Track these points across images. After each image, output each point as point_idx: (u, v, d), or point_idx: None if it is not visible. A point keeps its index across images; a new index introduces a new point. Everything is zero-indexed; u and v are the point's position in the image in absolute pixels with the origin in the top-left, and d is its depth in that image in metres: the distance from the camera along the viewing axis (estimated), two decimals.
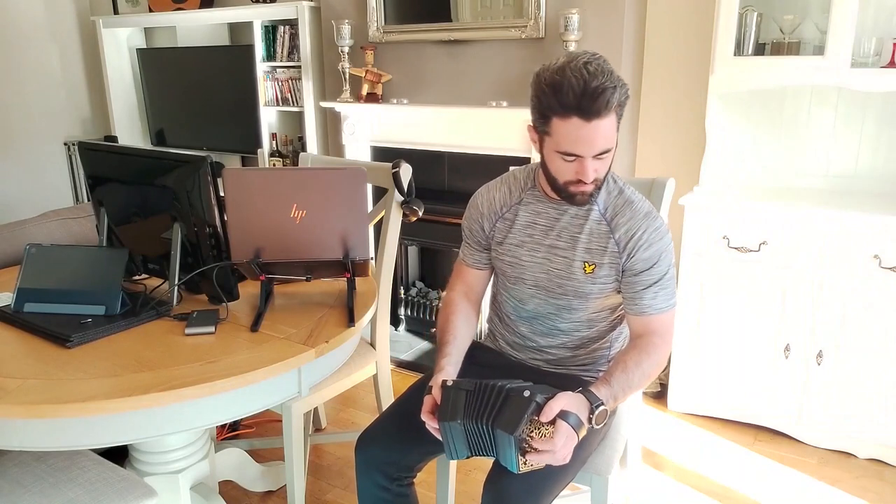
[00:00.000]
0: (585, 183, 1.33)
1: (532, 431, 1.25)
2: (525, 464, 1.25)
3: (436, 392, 1.34)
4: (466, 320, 1.55)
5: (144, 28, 4.37)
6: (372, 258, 1.81)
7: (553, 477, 1.31)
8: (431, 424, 1.33)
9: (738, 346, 2.43)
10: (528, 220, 1.49)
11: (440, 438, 1.32)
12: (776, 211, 2.27)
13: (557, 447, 1.21)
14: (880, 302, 2.17)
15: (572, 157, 1.31)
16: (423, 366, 3.02)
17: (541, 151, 1.38)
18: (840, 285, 2.21)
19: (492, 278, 1.64)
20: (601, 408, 1.27)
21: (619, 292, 1.45)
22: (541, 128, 1.33)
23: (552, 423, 1.24)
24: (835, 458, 2.33)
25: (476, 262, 1.59)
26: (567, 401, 1.25)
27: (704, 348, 2.49)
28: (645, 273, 1.39)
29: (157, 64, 4.20)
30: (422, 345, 3.28)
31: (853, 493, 2.14)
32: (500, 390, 1.28)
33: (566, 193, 1.38)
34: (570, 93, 1.24)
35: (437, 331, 1.56)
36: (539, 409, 1.24)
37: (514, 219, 1.51)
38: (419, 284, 3.56)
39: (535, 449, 1.23)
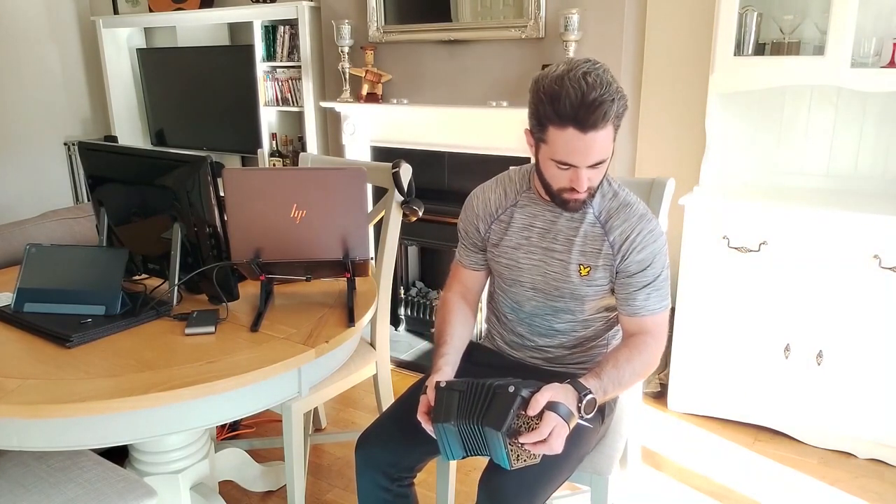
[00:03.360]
0: (578, 191, 1.34)
1: (521, 427, 1.25)
2: (518, 459, 1.25)
3: (430, 393, 1.35)
4: (464, 321, 1.56)
5: (144, 28, 4.37)
6: (372, 258, 1.81)
7: (547, 474, 1.31)
8: (427, 426, 1.34)
9: (738, 346, 2.43)
10: (525, 222, 1.50)
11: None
12: (776, 211, 2.27)
13: (544, 436, 1.22)
14: (880, 302, 2.17)
15: (567, 167, 1.32)
16: (423, 366, 3.02)
17: (536, 157, 1.38)
18: (840, 285, 2.21)
19: (489, 278, 1.64)
20: (589, 397, 1.28)
21: (613, 293, 1.46)
22: (537, 134, 1.33)
23: (540, 416, 1.24)
24: (835, 458, 2.33)
25: (472, 263, 1.60)
26: (553, 392, 1.25)
27: (704, 348, 2.49)
28: (639, 275, 1.40)
29: (157, 64, 4.20)
30: (422, 345, 3.28)
31: (853, 493, 2.14)
32: (489, 388, 1.28)
33: (559, 200, 1.39)
34: (567, 104, 1.23)
35: (435, 332, 1.56)
36: (525, 403, 1.25)
37: (509, 221, 1.51)
38: (419, 284, 3.56)
39: (525, 444, 1.23)
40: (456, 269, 1.63)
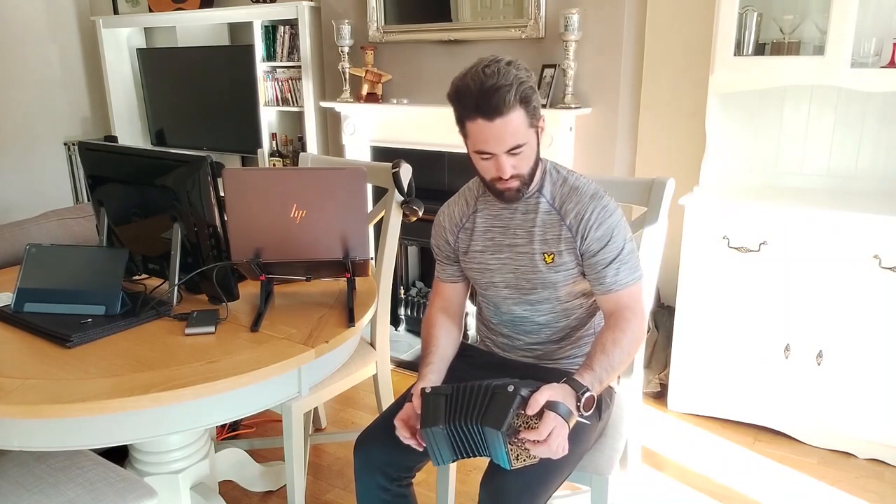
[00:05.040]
0: (504, 178, 1.39)
1: (520, 426, 1.25)
2: (517, 459, 1.25)
3: (416, 400, 1.37)
4: (447, 333, 1.58)
5: (144, 28, 4.37)
6: (372, 258, 1.81)
7: (549, 473, 1.32)
8: (402, 434, 1.36)
9: (738, 346, 2.43)
10: (486, 224, 1.54)
11: (409, 444, 1.35)
12: (776, 211, 2.27)
13: (543, 435, 1.22)
14: (880, 302, 2.17)
15: (487, 155, 1.38)
16: None
17: (469, 154, 1.44)
18: (840, 285, 2.21)
19: (473, 290, 1.67)
20: (587, 394, 1.29)
21: (585, 276, 1.48)
22: (462, 132, 1.41)
23: (539, 415, 1.25)
24: (835, 458, 2.33)
25: (450, 276, 1.62)
26: (552, 392, 1.26)
27: (704, 348, 2.49)
28: (602, 252, 1.43)
29: (157, 64, 4.20)
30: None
31: (853, 493, 2.14)
32: (486, 389, 1.29)
33: (495, 191, 1.45)
34: (468, 97, 1.32)
35: (421, 343, 1.59)
36: (524, 402, 1.25)
37: (473, 227, 1.55)
38: (419, 284, 3.56)
39: (525, 443, 1.24)
40: (436, 285, 1.66)
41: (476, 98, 1.30)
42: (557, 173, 1.50)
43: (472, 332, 2.90)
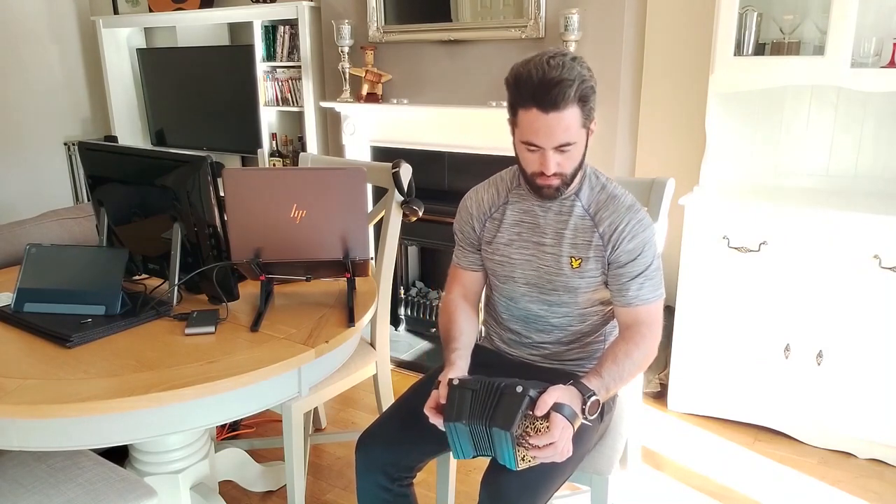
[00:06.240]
0: (546, 174, 1.37)
1: (528, 427, 1.25)
2: (524, 460, 1.25)
3: (442, 389, 1.34)
4: (468, 318, 1.57)
5: (144, 28, 4.37)
6: (372, 258, 1.81)
7: (550, 473, 1.32)
8: (434, 419, 1.34)
9: (738, 346, 2.43)
10: (516, 218, 1.52)
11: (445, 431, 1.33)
12: (776, 211, 2.27)
13: (555, 437, 1.22)
14: (880, 302, 2.17)
15: (535, 148, 1.35)
16: (423, 366, 3.02)
17: (514, 144, 1.43)
18: (840, 285, 2.21)
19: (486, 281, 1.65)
20: (593, 398, 1.29)
21: (607, 285, 1.47)
22: (511, 119, 1.39)
23: (546, 417, 1.24)
24: (835, 458, 2.33)
25: (470, 263, 1.61)
26: (559, 393, 1.26)
27: (704, 348, 2.49)
28: (630, 264, 1.42)
29: (157, 64, 4.20)
30: (422, 345, 3.28)
31: (853, 493, 2.14)
32: (495, 389, 1.28)
33: (534, 185, 1.43)
34: (528, 84, 1.29)
35: (441, 331, 1.56)
36: (533, 403, 1.25)
37: (501, 218, 1.54)
38: (419, 284, 3.56)
39: (533, 445, 1.24)
40: (454, 272, 1.64)
41: (535, 87, 1.28)
42: (597, 179, 1.48)
43: None
